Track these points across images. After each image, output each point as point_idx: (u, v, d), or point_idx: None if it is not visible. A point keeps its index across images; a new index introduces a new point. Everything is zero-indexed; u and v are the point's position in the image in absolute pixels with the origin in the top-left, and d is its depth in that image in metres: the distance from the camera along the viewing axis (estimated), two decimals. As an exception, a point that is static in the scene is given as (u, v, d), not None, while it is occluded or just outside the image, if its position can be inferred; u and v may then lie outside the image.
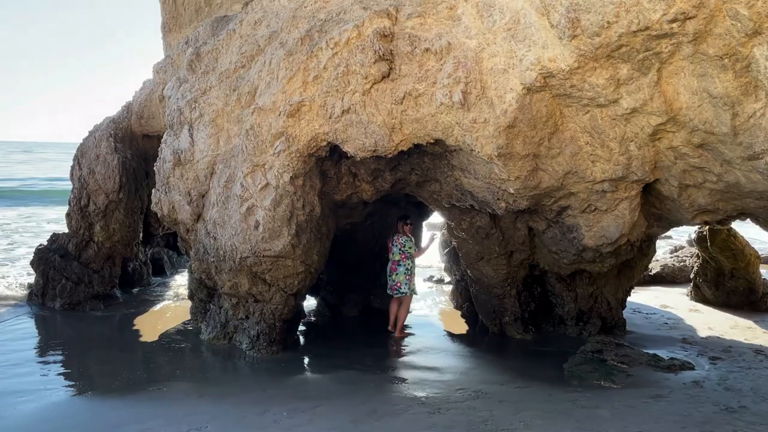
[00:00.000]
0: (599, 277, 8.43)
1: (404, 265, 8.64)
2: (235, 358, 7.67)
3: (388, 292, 8.88)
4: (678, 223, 7.28)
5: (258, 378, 6.97)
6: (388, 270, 8.82)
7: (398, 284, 8.64)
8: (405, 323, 8.91)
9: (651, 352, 7.62)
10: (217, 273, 7.78)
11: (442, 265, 11.78)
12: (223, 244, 7.57)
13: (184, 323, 9.34)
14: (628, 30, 4.97)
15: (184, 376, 7.00)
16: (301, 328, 9.12)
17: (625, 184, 6.40)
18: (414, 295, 8.98)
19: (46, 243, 10.90)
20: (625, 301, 9.05)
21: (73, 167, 10.81)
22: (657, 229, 7.43)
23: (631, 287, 9.00)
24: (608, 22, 5.01)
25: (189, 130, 8.17)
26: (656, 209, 7.03)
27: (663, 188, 6.49)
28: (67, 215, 10.97)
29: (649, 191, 6.76)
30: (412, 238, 8.99)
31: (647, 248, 8.12)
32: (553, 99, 5.97)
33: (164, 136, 8.73)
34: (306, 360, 7.86)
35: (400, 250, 8.67)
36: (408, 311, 8.90)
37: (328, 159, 7.50)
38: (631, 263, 8.32)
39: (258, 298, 7.66)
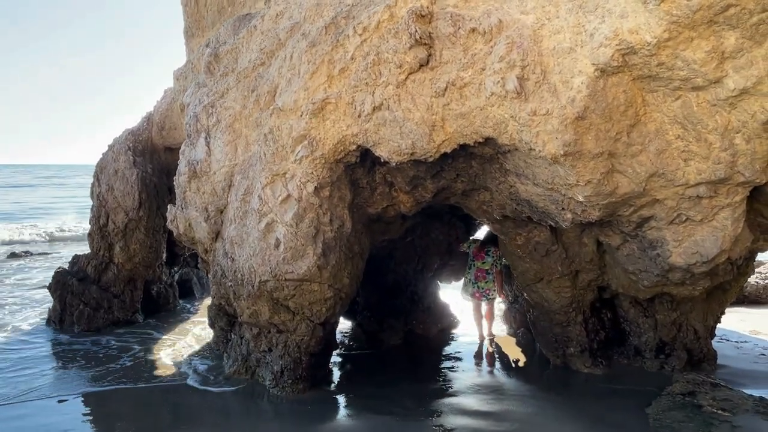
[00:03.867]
0: (684, 301, 7.05)
1: (491, 274, 8.95)
2: (258, 397, 6.68)
3: (468, 297, 9.13)
4: (792, 236, 5.89)
5: (280, 425, 5.93)
6: (471, 276, 9.01)
7: (487, 291, 8.97)
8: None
9: (755, 394, 6.23)
10: (236, 299, 6.81)
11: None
12: (241, 266, 6.60)
13: (207, 353, 8.46)
14: (741, -17, 3.79)
15: (197, 421, 6.02)
16: (335, 359, 8.06)
17: (727, 187, 5.09)
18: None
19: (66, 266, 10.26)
20: (715, 329, 7.61)
21: (93, 184, 10.14)
22: (763, 243, 6.04)
23: (723, 313, 7.54)
24: (712, -25, 3.85)
25: (206, 138, 7.30)
26: (764, 219, 5.67)
27: (777, 192, 5.17)
28: (89, 235, 10.31)
29: (756, 196, 5.43)
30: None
31: (745, 267, 6.70)
32: (633, 82, 4.79)
33: (182, 147, 7.89)
34: (337, 401, 6.76)
35: (493, 261, 8.85)
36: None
37: (359, 166, 6.46)
38: (724, 284, 6.90)
39: (281, 328, 6.65)
